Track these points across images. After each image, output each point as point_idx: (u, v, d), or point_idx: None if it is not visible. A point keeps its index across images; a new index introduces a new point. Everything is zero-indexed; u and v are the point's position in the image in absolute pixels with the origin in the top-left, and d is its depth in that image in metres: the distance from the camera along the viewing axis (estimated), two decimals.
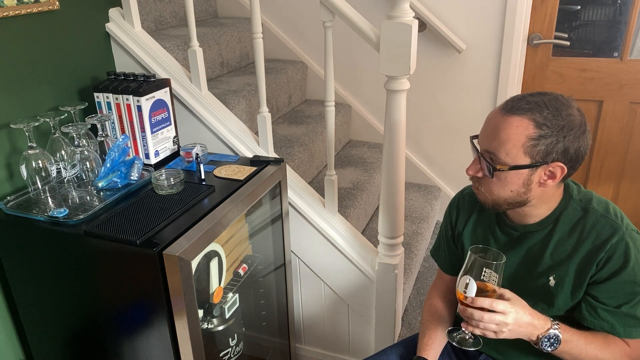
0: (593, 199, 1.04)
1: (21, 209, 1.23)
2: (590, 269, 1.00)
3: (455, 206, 1.23)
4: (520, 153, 0.95)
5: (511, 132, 0.95)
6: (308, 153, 2.08)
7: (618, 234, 0.98)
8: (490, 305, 0.93)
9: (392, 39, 1.31)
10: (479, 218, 1.17)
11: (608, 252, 0.98)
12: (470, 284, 0.95)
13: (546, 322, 0.97)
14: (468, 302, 0.95)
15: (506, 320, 0.93)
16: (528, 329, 0.96)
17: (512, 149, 0.95)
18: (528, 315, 0.95)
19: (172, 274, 1.08)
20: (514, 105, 0.96)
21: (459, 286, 0.97)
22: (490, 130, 0.98)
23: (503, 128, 0.96)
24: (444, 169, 2.52)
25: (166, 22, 2.23)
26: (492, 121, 0.99)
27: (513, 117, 0.95)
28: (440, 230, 1.29)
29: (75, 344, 1.34)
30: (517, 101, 0.97)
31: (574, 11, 2.22)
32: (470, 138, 1.07)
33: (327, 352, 1.91)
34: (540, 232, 1.06)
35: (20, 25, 1.37)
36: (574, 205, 1.04)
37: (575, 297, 1.03)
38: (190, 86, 1.67)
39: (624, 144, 2.27)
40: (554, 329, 0.97)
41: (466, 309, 0.95)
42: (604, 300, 1.00)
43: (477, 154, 1.02)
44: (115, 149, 1.32)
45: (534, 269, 1.07)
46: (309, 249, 1.72)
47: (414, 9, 1.95)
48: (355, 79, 2.49)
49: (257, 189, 1.40)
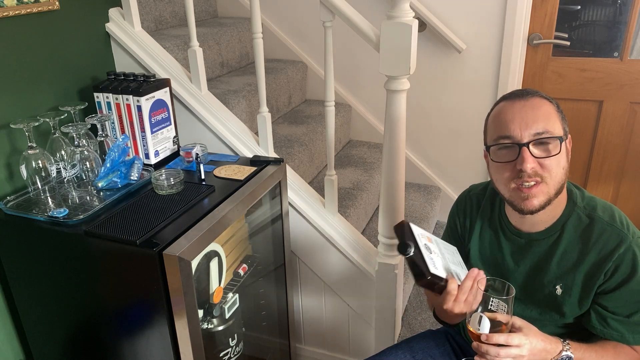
0: (598, 206, 1.03)
1: (21, 209, 1.23)
2: (597, 278, 0.99)
3: (463, 206, 1.22)
4: (559, 124, 0.98)
5: (546, 108, 0.98)
6: (308, 153, 2.08)
7: (625, 243, 0.97)
8: (505, 341, 0.91)
9: (392, 39, 1.31)
10: (484, 225, 1.16)
11: (616, 261, 0.97)
12: (483, 321, 0.93)
13: (557, 344, 0.97)
14: (483, 339, 0.92)
15: (522, 353, 0.91)
16: (541, 354, 0.95)
17: (556, 122, 0.98)
18: (541, 341, 0.94)
19: (172, 274, 1.08)
20: (523, 91, 1.01)
21: (472, 323, 0.94)
22: (527, 113, 0.97)
23: (537, 106, 0.98)
24: (444, 169, 2.52)
25: (166, 22, 2.23)
26: (517, 108, 0.98)
27: (534, 98, 0.99)
28: (447, 228, 1.27)
29: (75, 344, 1.34)
30: (520, 90, 1.01)
31: (574, 11, 2.22)
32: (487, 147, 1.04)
33: (327, 352, 1.91)
34: (546, 241, 1.05)
35: (20, 25, 1.37)
36: (578, 213, 1.03)
37: (583, 306, 1.03)
38: (190, 86, 1.67)
39: (624, 144, 2.27)
40: (566, 351, 0.96)
41: (481, 345, 0.92)
42: (614, 309, 1.00)
43: (519, 148, 0.96)
44: (115, 149, 1.32)
45: (540, 278, 1.06)
46: (309, 249, 1.72)
47: (414, 9, 1.95)
48: (355, 79, 2.49)
49: (257, 189, 1.40)
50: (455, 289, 0.97)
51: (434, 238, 1.09)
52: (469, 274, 1.00)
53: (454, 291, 0.97)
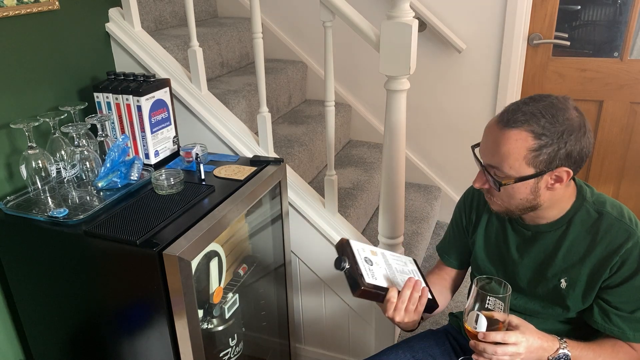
0: (607, 202, 1.03)
1: (21, 209, 1.23)
2: (603, 273, 0.99)
3: (470, 200, 1.22)
4: (523, 165, 0.94)
5: (511, 147, 0.94)
6: (308, 153, 2.08)
7: (633, 239, 0.97)
8: (502, 339, 0.91)
9: (392, 39, 1.31)
10: (490, 218, 1.17)
11: (622, 256, 0.97)
12: (480, 319, 0.93)
13: (554, 342, 0.97)
14: (480, 338, 0.93)
15: (518, 351, 0.92)
16: (538, 352, 0.95)
17: (515, 163, 0.94)
18: (538, 339, 0.95)
19: (172, 274, 1.08)
20: (510, 118, 0.94)
21: (469, 322, 0.95)
22: (490, 144, 0.98)
23: (502, 143, 0.94)
24: (444, 169, 2.52)
25: (166, 22, 2.23)
26: (490, 135, 0.98)
27: (511, 131, 0.93)
28: (452, 221, 1.28)
29: (75, 344, 1.34)
30: (512, 113, 0.94)
31: (574, 11, 2.22)
32: (472, 148, 1.06)
33: (327, 352, 1.91)
34: (553, 233, 1.05)
35: (20, 25, 1.37)
36: (587, 208, 1.03)
37: (587, 300, 1.03)
38: (190, 86, 1.67)
39: (624, 144, 2.27)
40: (563, 349, 0.96)
41: (478, 343, 0.93)
42: (617, 305, 1.00)
43: (480, 166, 1.02)
44: (115, 149, 1.32)
45: (545, 271, 1.06)
46: (309, 249, 1.72)
47: (414, 9, 1.95)
48: (355, 79, 2.50)
49: (257, 189, 1.40)
50: (395, 296, 0.99)
51: (380, 251, 1.12)
52: (406, 282, 1.01)
53: (393, 299, 0.99)
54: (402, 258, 1.15)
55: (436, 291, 1.21)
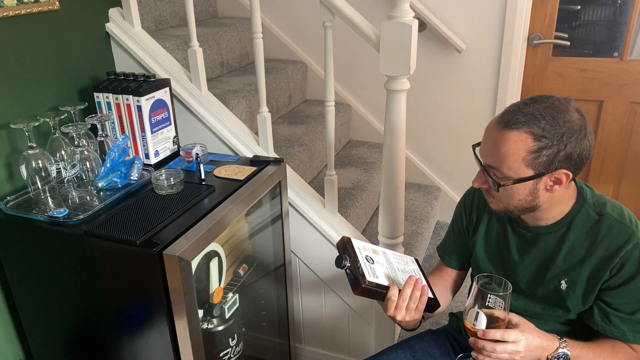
0: (607, 204, 1.03)
1: (21, 209, 1.23)
2: (603, 274, 0.99)
3: (470, 200, 1.22)
4: (522, 166, 0.94)
5: (510, 148, 0.94)
6: (308, 153, 2.08)
7: (633, 240, 0.97)
8: (502, 337, 0.91)
9: (392, 39, 1.31)
10: (491, 219, 1.17)
11: (622, 258, 0.97)
12: (479, 317, 0.94)
13: (554, 341, 0.97)
14: (479, 335, 0.93)
15: (518, 349, 0.92)
16: (538, 351, 0.95)
17: (514, 164, 0.94)
18: (537, 338, 0.95)
19: (172, 274, 1.08)
20: (510, 119, 0.94)
21: (469, 319, 0.96)
22: (490, 145, 0.98)
23: (502, 144, 0.95)
24: (444, 169, 2.52)
25: (166, 22, 2.23)
26: (490, 135, 0.98)
27: (511, 132, 0.93)
28: (452, 222, 1.28)
29: (75, 344, 1.34)
30: (512, 114, 0.94)
31: (574, 11, 2.22)
32: (473, 147, 1.07)
33: (327, 352, 1.91)
34: (553, 235, 1.05)
35: (20, 25, 1.37)
36: (587, 209, 1.03)
37: (587, 302, 1.03)
38: (190, 86, 1.67)
39: (624, 144, 2.27)
40: (563, 348, 0.96)
41: (477, 341, 0.94)
42: (617, 306, 1.00)
43: (480, 165, 1.02)
44: (115, 149, 1.32)
45: (545, 272, 1.06)
46: (309, 249, 1.72)
47: (414, 9, 1.95)
48: (355, 79, 2.50)
49: (257, 189, 1.40)
50: (395, 295, 0.99)
51: (382, 250, 1.12)
52: (407, 281, 1.01)
53: (394, 297, 0.99)
54: (404, 257, 1.16)
55: (437, 292, 1.21)
